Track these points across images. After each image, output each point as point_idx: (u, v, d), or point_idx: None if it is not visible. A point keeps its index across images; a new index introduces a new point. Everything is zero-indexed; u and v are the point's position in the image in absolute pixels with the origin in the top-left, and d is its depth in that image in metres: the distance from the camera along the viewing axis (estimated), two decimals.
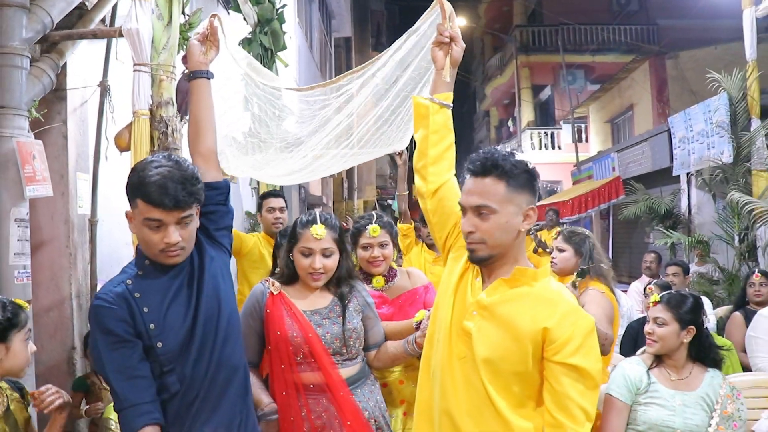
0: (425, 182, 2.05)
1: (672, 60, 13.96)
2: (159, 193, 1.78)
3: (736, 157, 7.21)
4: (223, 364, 1.97)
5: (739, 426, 2.57)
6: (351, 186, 17.35)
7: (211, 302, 1.97)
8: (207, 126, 2.17)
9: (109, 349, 1.83)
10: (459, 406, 1.82)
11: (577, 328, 1.75)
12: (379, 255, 2.89)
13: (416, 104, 2.10)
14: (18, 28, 2.89)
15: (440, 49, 2.09)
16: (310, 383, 2.35)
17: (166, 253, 1.87)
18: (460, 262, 1.96)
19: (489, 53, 26.69)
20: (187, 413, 1.91)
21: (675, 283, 5.63)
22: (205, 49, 2.23)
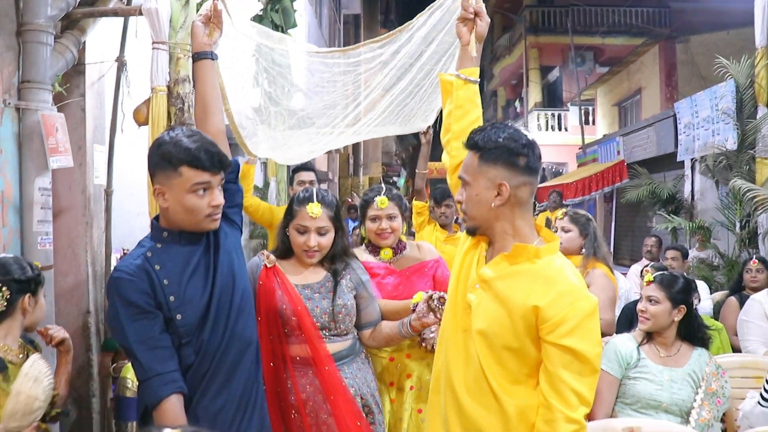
0: (449, 157, 2.08)
1: (682, 44, 13.90)
2: (207, 157, 1.85)
3: (740, 144, 7.18)
4: (236, 338, 2.00)
5: (723, 402, 2.69)
6: (357, 162, 17.42)
7: (226, 277, 2.00)
8: (214, 106, 2.21)
9: (131, 320, 1.85)
10: (459, 378, 1.84)
11: (574, 309, 1.70)
12: (387, 227, 2.89)
13: (442, 81, 2.11)
14: (43, 6, 2.99)
15: (465, 25, 2.09)
16: (297, 356, 2.38)
17: (212, 217, 1.93)
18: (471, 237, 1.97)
19: (498, 33, 26.56)
20: (199, 385, 1.94)
21: (674, 267, 5.71)
22: (209, 31, 2.25)
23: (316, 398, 2.35)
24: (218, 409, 1.96)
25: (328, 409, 2.33)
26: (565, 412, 1.68)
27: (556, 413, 1.68)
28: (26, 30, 2.98)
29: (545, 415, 1.72)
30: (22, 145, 3.05)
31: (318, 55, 3.72)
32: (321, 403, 2.34)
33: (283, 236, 2.49)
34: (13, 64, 3.00)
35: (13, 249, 3.04)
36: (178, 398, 1.85)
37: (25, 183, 3.06)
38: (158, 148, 1.90)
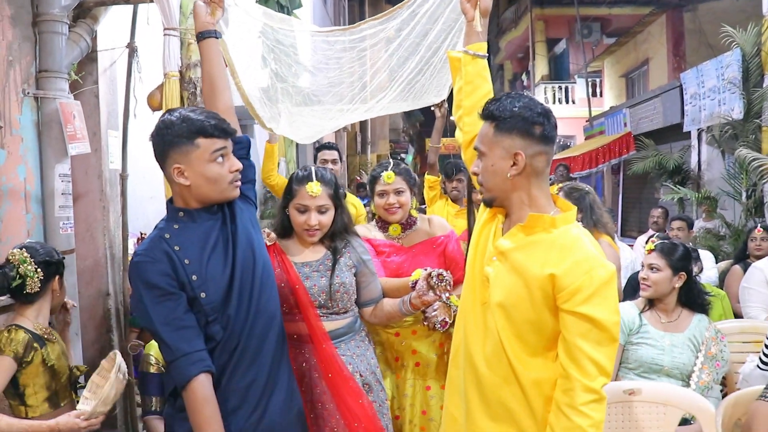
0: (462, 132, 2.07)
1: (690, 13, 13.74)
2: (218, 124, 1.91)
3: (746, 114, 7.22)
4: (261, 312, 2.03)
5: (722, 365, 2.80)
6: (364, 140, 17.41)
7: (246, 251, 2.02)
8: (222, 83, 2.23)
9: (154, 302, 1.86)
10: (478, 351, 1.84)
11: (591, 277, 1.68)
12: (394, 202, 2.88)
13: (450, 58, 2.10)
14: None
15: (468, 1, 2.08)
16: (294, 333, 2.37)
17: (234, 183, 1.97)
18: (488, 210, 1.96)
19: (503, 5, 26.30)
20: (229, 361, 1.95)
21: (680, 237, 5.78)
22: (211, 10, 2.27)
23: (312, 375, 2.36)
24: (249, 383, 1.98)
25: (324, 386, 2.34)
26: (584, 381, 1.66)
27: (575, 382, 1.67)
28: (42, 20, 3.08)
29: (564, 384, 1.71)
30: (42, 133, 3.16)
31: (320, 34, 3.72)
32: (316, 381, 2.35)
33: (283, 215, 2.50)
34: (30, 55, 3.10)
35: (37, 235, 3.16)
36: (207, 377, 1.86)
37: (46, 170, 3.18)
38: (168, 129, 1.92)
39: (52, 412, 2.40)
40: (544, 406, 1.77)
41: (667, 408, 2.41)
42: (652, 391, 2.47)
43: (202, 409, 1.83)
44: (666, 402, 2.41)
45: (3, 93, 2.96)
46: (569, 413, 1.67)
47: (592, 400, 1.66)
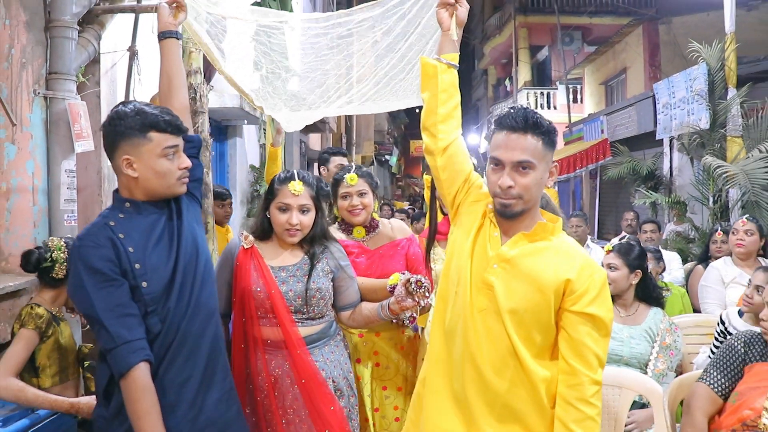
0: (435, 140, 2.06)
1: (665, 25, 14.15)
2: (172, 121, 1.94)
3: (712, 124, 7.54)
4: (201, 308, 2.02)
5: (675, 354, 3.07)
6: (349, 141, 17.52)
7: (190, 247, 2.03)
8: (178, 82, 2.27)
9: (97, 288, 1.83)
10: (482, 356, 1.86)
11: (594, 280, 1.83)
12: (358, 203, 2.90)
13: (424, 64, 2.10)
14: (69, 4, 3.30)
15: (446, 11, 2.11)
16: (269, 338, 2.38)
17: (182, 180, 2.00)
18: (476, 217, 1.99)
19: (489, 12, 26.67)
20: (165, 355, 1.93)
21: (652, 239, 6.13)
22: (174, 12, 2.33)
23: (285, 381, 2.36)
24: (185, 379, 1.96)
25: (296, 392, 2.35)
26: (590, 375, 1.79)
27: (582, 377, 1.79)
28: (53, 26, 3.30)
29: (569, 380, 1.81)
30: (50, 131, 3.38)
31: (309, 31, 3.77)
32: (289, 387, 2.36)
33: (263, 217, 2.51)
34: (41, 57, 3.32)
35: (42, 226, 3.38)
36: (147, 366, 1.84)
37: (53, 166, 3.39)
38: (121, 120, 1.92)
39: (60, 386, 2.61)
40: (550, 402, 1.86)
41: (622, 390, 2.66)
42: (608, 375, 2.71)
43: (142, 399, 1.81)
44: (620, 384, 2.67)
45: (16, 93, 3.19)
46: (580, 405, 1.79)
47: (597, 391, 1.81)
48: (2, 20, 3.11)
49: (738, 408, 2.29)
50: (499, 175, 1.85)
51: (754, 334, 2.43)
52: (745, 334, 2.45)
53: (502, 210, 1.88)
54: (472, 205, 2.02)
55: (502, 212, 1.89)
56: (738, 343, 2.41)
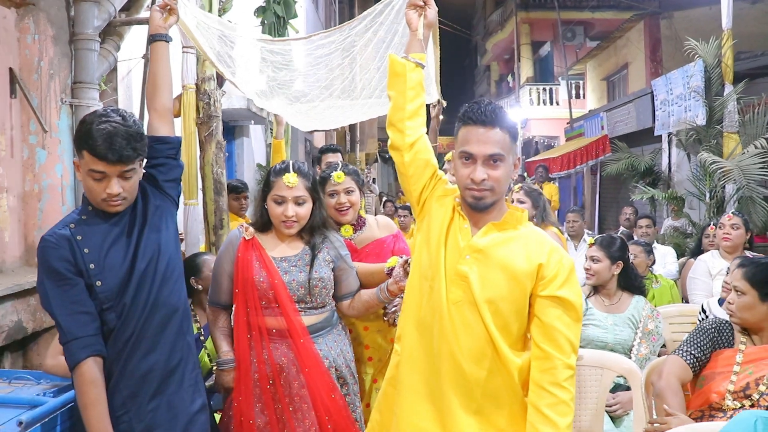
0: (402, 135, 2.07)
1: (666, 20, 14.19)
2: (104, 147, 1.87)
3: (709, 120, 7.71)
4: (161, 304, 2.06)
5: (657, 339, 3.27)
6: (353, 139, 17.66)
7: (151, 246, 2.06)
8: (164, 84, 2.29)
9: (54, 286, 1.92)
10: (460, 348, 1.87)
11: (562, 264, 1.88)
12: (345, 201, 2.88)
13: (393, 62, 2.11)
14: (91, 19, 3.55)
15: (414, 11, 2.15)
16: (273, 328, 2.40)
17: (108, 202, 1.97)
18: (446, 211, 2.01)
19: (491, 8, 26.78)
20: (124, 348, 1.99)
21: (648, 234, 6.33)
22: (165, 16, 2.38)
23: (291, 370, 2.38)
24: (145, 372, 2.03)
25: (302, 380, 2.38)
26: (563, 359, 1.81)
27: (555, 361, 1.81)
28: (77, 39, 3.56)
29: (542, 364, 1.84)
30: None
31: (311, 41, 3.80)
32: (295, 375, 2.38)
33: (261, 209, 2.52)
34: (67, 68, 3.57)
35: None
36: (96, 361, 1.92)
37: None
38: (80, 126, 1.97)
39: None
40: (524, 388, 1.89)
41: (603, 370, 2.87)
42: (591, 357, 2.93)
43: (88, 391, 1.90)
44: (602, 365, 2.87)
45: (45, 101, 3.44)
46: (553, 390, 1.80)
47: (570, 376, 1.82)
48: (32, 35, 3.36)
49: (704, 392, 2.48)
50: (471, 168, 1.88)
51: (724, 322, 2.63)
52: (717, 320, 2.65)
53: (474, 203, 1.91)
54: (440, 199, 2.05)
55: (474, 205, 1.92)
56: (709, 326, 2.60)
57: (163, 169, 2.18)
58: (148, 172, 2.12)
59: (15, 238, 3.44)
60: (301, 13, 9.23)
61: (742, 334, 2.54)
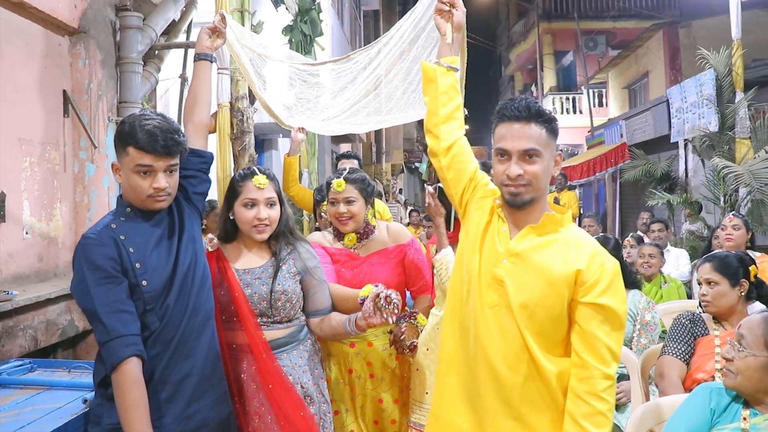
0: (438, 140, 2.07)
1: (685, 29, 14.35)
2: (151, 141, 1.92)
3: (721, 126, 7.93)
4: (199, 309, 2.08)
5: (655, 329, 3.48)
6: (379, 149, 17.87)
7: (189, 250, 2.09)
8: (203, 101, 2.35)
9: (97, 284, 1.88)
10: (495, 353, 1.83)
11: (605, 270, 1.78)
12: (344, 211, 2.72)
13: (424, 68, 2.11)
14: (135, 44, 3.94)
15: (442, 16, 2.13)
16: (233, 343, 2.31)
17: (154, 198, 1.99)
18: (484, 213, 1.97)
19: (514, 19, 27.03)
20: (164, 352, 1.98)
21: (660, 237, 6.55)
22: (213, 38, 2.48)
23: (250, 386, 2.29)
24: (183, 377, 2.01)
25: (262, 398, 2.28)
26: (602, 369, 1.74)
27: (593, 370, 1.74)
28: (123, 63, 3.95)
29: (580, 373, 1.76)
30: None
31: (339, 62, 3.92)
32: (254, 392, 2.29)
33: (226, 219, 2.42)
34: (113, 89, 3.96)
35: None
36: (138, 361, 1.87)
37: None
38: (120, 127, 2.00)
39: None
40: (564, 395, 1.82)
41: None
42: None
43: (130, 391, 1.83)
44: None
45: (94, 120, 3.84)
46: (590, 399, 1.74)
47: (609, 386, 1.75)
48: (83, 60, 3.76)
49: (693, 372, 2.75)
50: (507, 165, 1.85)
51: (695, 314, 2.89)
52: (689, 313, 2.91)
53: (511, 200, 1.86)
54: (479, 201, 2.01)
55: (511, 202, 1.87)
56: (684, 320, 2.87)
57: (194, 181, 2.21)
58: (180, 182, 2.12)
59: (67, 245, 3.80)
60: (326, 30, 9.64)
61: (714, 322, 2.82)
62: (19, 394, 2.36)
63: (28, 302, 3.06)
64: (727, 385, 2.08)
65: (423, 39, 3.36)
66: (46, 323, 3.26)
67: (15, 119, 3.27)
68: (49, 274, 3.66)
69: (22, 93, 3.34)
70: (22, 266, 3.42)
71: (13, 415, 1.62)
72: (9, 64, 3.23)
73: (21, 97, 3.32)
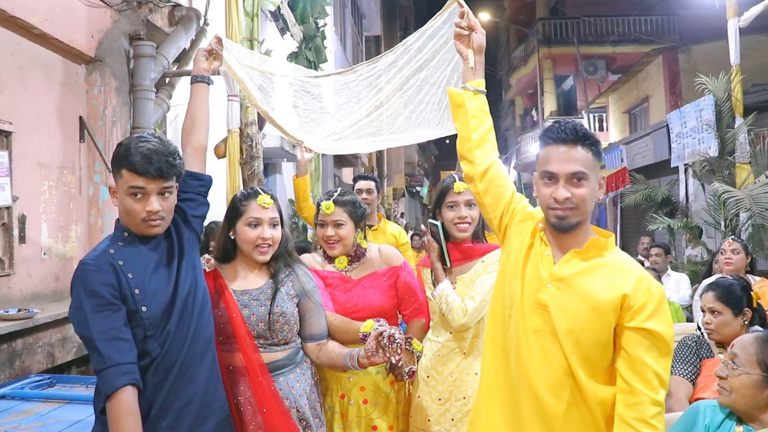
0: (473, 165, 2.05)
1: (684, 54, 14.59)
2: (144, 163, 1.89)
3: (721, 151, 8.01)
4: (200, 334, 2.05)
5: None
6: (380, 174, 17.95)
7: (189, 275, 2.06)
8: (201, 123, 2.32)
9: (94, 311, 1.85)
10: (538, 378, 1.82)
11: (651, 294, 1.75)
12: (332, 234, 2.68)
13: (451, 95, 2.11)
14: (148, 72, 4.06)
15: (461, 41, 2.14)
16: (230, 365, 2.28)
17: (148, 222, 1.95)
18: (525, 236, 1.95)
19: (514, 44, 27.32)
20: (166, 378, 1.95)
21: (657, 262, 6.61)
22: (210, 60, 2.47)
23: (247, 409, 2.26)
24: (185, 403, 1.99)
25: (259, 421, 2.25)
26: (650, 395, 1.70)
27: (642, 396, 1.70)
28: (136, 90, 4.06)
29: (628, 399, 1.73)
30: None
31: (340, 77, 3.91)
32: (252, 415, 2.25)
33: (225, 239, 2.41)
34: (127, 115, 4.07)
35: None
36: (134, 391, 1.84)
37: None
38: (117, 149, 1.97)
39: None
40: (607, 423, 1.79)
41: None
42: None
43: (125, 421, 1.80)
44: None
45: (108, 145, 3.94)
46: (639, 426, 1.70)
47: (658, 413, 1.71)
48: (98, 87, 3.87)
49: (699, 391, 2.83)
50: (554, 188, 1.82)
51: (700, 337, 2.99)
52: (694, 336, 3.01)
53: (558, 223, 1.84)
54: (519, 224, 1.99)
55: (558, 225, 1.84)
56: (690, 342, 2.97)
57: (192, 204, 2.19)
58: (178, 205, 2.10)
59: None
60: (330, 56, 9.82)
61: (718, 347, 2.91)
62: (42, 407, 2.45)
63: (48, 320, 3.16)
64: (721, 402, 2.15)
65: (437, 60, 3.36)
66: (62, 340, 3.34)
67: (35, 145, 3.38)
68: (65, 294, 3.76)
69: (42, 119, 3.45)
70: (40, 286, 3.52)
71: (39, 427, 1.69)
72: (31, 92, 3.34)
73: (41, 124, 3.44)
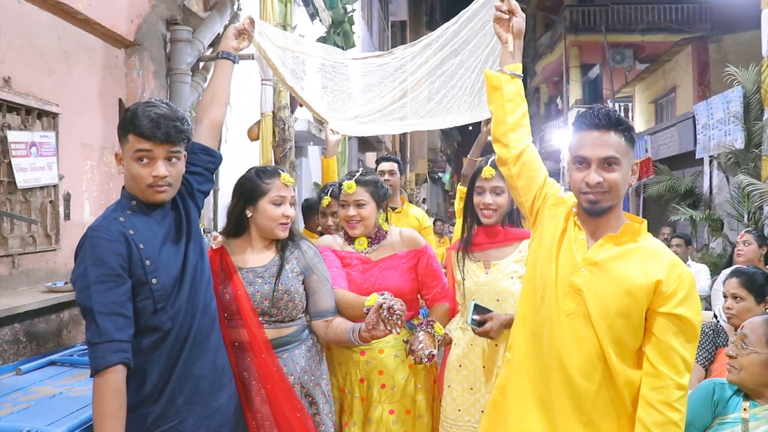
0: (507, 149, 2.06)
1: (715, 44, 14.27)
2: (151, 126, 1.85)
3: (747, 144, 8.00)
4: (208, 307, 2.06)
5: None
6: (403, 159, 17.98)
7: (196, 249, 2.05)
8: (221, 99, 2.33)
9: (99, 281, 1.78)
10: (570, 360, 1.84)
11: (682, 280, 1.78)
12: (354, 214, 2.67)
13: (488, 77, 2.12)
14: (185, 56, 4.18)
15: (501, 25, 2.14)
16: (236, 341, 2.29)
17: (154, 188, 1.91)
18: (558, 220, 1.97)
19: (540, 30, 27.06)
20: (181, 351, 1.94)
21: (678, 253, 6.66)
22: (240, 40, 2.47)
23: (252, 384, 2.29)
24: (200, 375, 1.99)
25: (264, 396, 2.27)
26: (675, 379, 1.75)
27: (667, 380, 1.75)
28: (173, 73, 4.19)
29: (654, 382, 1.77)
30: None
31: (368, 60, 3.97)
32: (257, 390, 2.28)
33: (239, 214, 2.40)
34: (164, 98, 4.19)
35: None
36: (124, 370, 1.78)
37: None
38: (124, 115, 1.94)
39: None
40: (633, 404, 1.83)
41: None
42: None
43: (112, 400, 1.74)
44: None
45: None
46: (663, 409, 1.74)
47: (682, 396, 1.76)
48: (137, 71, 4.01)
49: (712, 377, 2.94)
50: (585, 173, 1.84)
51: (718, 325, 3.10)
52: (713, 324, 3.12)
53: (590, 207, 1.86)
54: (552, 208, 2.01)
55: (590, 210, 1.87)
56: (708, 329, 3.07)
57: (200, 179, 2.16)
58: (186, 177, 2.07)
59: None
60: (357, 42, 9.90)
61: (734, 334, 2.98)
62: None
63: None
64: (730, 380, 2.28)
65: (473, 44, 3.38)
66: None
67: (79, 126, 3.52)
68: None
69: (85, 101, 3.59)
70: None
71: (90, 390, 1.79)
72: (75, 75, 3.48)
73: (84, 106, 3.58)
